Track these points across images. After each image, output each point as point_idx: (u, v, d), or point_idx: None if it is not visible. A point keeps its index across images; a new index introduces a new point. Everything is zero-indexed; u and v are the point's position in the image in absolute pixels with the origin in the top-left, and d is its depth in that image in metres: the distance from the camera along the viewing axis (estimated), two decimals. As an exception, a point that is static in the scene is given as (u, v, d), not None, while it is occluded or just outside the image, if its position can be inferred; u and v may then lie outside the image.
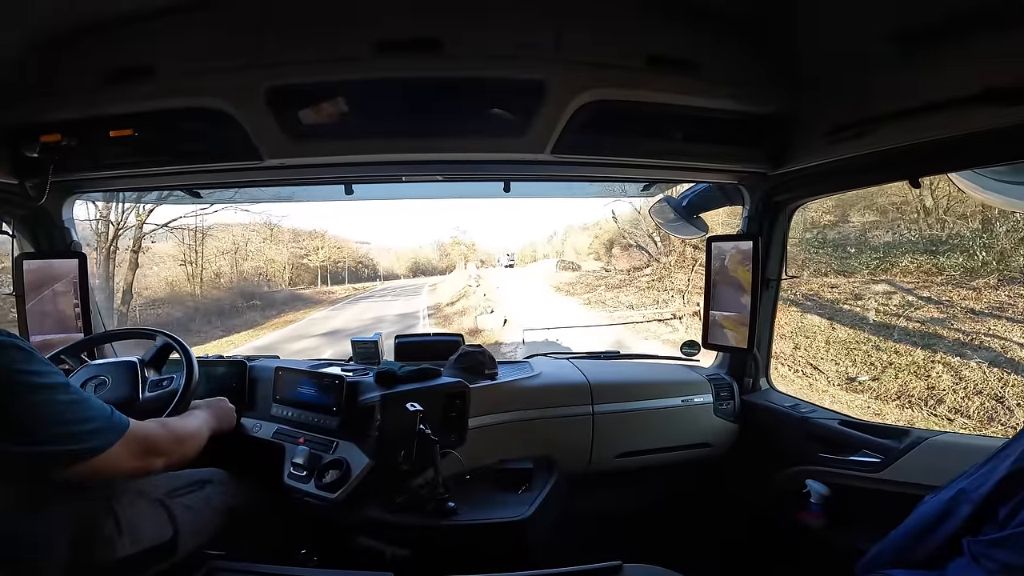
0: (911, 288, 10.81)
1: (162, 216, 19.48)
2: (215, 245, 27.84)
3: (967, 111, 1.22)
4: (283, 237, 35.43)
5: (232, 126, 1.54)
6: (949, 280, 10.53)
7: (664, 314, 14.60)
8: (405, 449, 1.56)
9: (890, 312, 10.33)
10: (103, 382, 1.48)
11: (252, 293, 26.95)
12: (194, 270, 24.80)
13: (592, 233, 37.66)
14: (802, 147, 1.72)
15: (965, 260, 10.61)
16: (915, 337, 9.29)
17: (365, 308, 24.93)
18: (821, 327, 10.77)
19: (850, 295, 11.59)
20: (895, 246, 12.41)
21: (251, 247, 31.55)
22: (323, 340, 15.79)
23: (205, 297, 24.12)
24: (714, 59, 1.57)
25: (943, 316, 9.58)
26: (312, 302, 30.24)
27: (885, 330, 9.89)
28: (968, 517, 0.99)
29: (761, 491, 2.05)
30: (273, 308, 25.90)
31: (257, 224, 30.28)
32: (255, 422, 1.83)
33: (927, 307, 10.03)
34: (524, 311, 16.75)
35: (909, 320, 9.85)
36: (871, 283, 11.61)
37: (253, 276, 31.02)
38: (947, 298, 10.03)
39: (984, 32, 1.14)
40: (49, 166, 1.61)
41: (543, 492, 1.76)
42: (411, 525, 1.58)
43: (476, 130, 1.62)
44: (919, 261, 11.44)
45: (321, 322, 21.04)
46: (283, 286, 33.48)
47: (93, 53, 1.53)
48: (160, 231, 19.96)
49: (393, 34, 1.44)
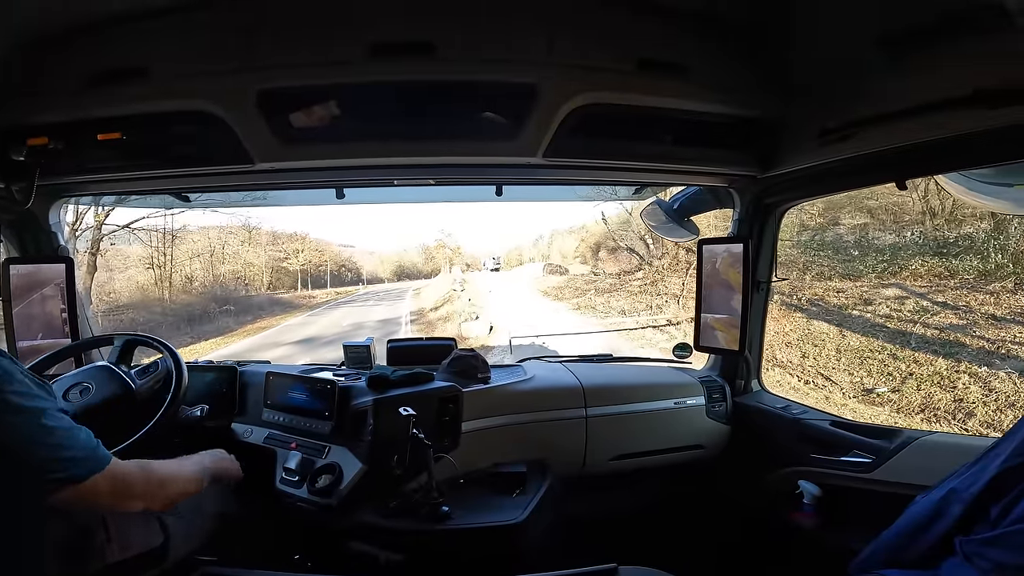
0: (924, 292, 10.32)
1: (123, 217, 18.64)
2: (188, 247, 27.16)
3: (953, 114, 1.24)
4: (262, 240, 34.87)
5: (222, 129, 1.54)
6: (963, 284, 10.04)
7: (659, 320, 14.35)
8: (398, 453, 1.57)
9: (905, 318, 9.81)
10: (87, 388, 1.47)
11: (226, 298, 26.27)
12: (162, 273, 24.02)
13: (578, 236, 37.81)
14: (791, 150, 1.75)
15: (980, 263, 10.09)
16: (935, 345, 8.76)
17: (345, 314, 24.27)
18: (830, 334, 10.26)
19: (859, 300, 11.08)
20: (901, 248, 11.98)
21: (228, 250, 30.92)
22: (296, 349, 15.06)
23: (174, 302, 23.30)
24: (704, 63, 1.59)
25: (963, 322, 9.08)
26: (291, 307, 29.65)
27: (901, 337, 9.33)
28: (960, 516, 1.00)
29: (754, 492, 2.08)
30: (248, 313, 25.25)
31: (234, 226, 29.68)
32: (246, 427, 1.83)
33: (944, 313, 9.52)
34: (511, 317, 16.37)
35: (927, 327, 9.32)
36: (880, 287, 11.15)
37: (230, 280, 30.37)
38: (964, 303, 9.56)
39: (970, 35, 1.16)
40: (36, 169, 1.60)
41: (537, 495, 1.78)
42: (405, 530, 1.59)
43: (468, 133, 1.63)
44: (930, 264, 10.93)
45: (296, 329, 20.37)
46: (261, 290, 32.89)
47: (81, 55, 1.52)
48: (121, 232, 19.14)
49: (386, 37, 1.45)
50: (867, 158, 1.57)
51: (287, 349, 15.07)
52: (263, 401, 1.85)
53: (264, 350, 15.08)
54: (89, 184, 1.84)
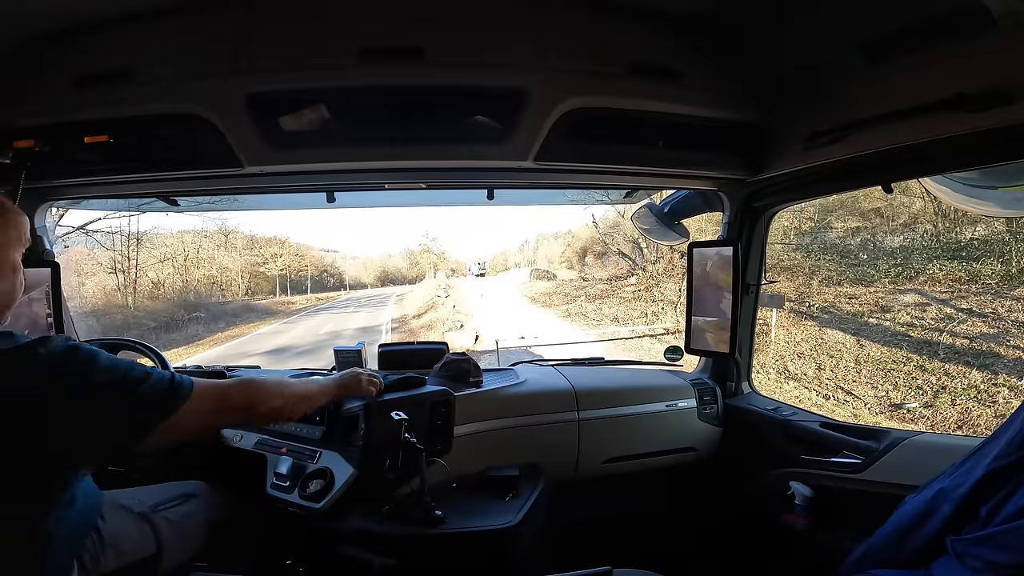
0: (946, 298, 9.83)
1: (77, 218, 18.34)
2: (159, 251, 26.58)
3: (938, 117, 1.28)
4: (238, 244, 34.31)
5: (211, 132, 1.55)
6: (986, 289, 9.64)
7: (656, 329, 14.11)
8: (390, 458, 1.59)
9: (929, 326, 9.30)
10: None
11: (197, 304, 25.66)
12: (126, 278, 23.35)
13: (564, 241, 37.87)
14: (779, 154, 1.79)
15: (1003, 266, 9.70)
16: (967, 356, 8.24)
17: (322, 321, 23.85)
18: (847, 344, 9.79)
19: (875, 307, 10.59)
20: (914, 251, 11.56)
21: (202, 254, 30.35)
22: (265, 359, 14.42)
23: (139, 309, 22.70)
24: (693, 67, 1.63)
25: (993, 331, 8.60)
26: (267, 314, 29.05)
27: (928, 347, 8.80)
28: (950, 516, 1.02)
29: (746, 494, 2.12)
30: (221, 320, 24.64)
31: (210, 230, 29.37)
32: (236, 432, 1.82)
33: (971, 320, 9.02)
34: (497, 325, 16.08)
35: (954, 336, 8.80)
36: (897, 293, 10.70)
37: (204, 285, 29.73)
38: (990, 309, 9.13)
39: (954, 39, 1.19)
40: (21, 172, 1.60)
41: (530, 499, 1.79)
42: (398, 534, 1.60)
43: (459, 137, 1.65)
44: (948, 268, 10.45)
45: (269, 337, 19.91)
46: (238, 296, 32.32)
47: (68, 57, 1.53)
48: (75, 235, 18.77)
49: (375, 41, 1.48)
50: (854, 161, 1.60)
51: (254, 361, 14.49)
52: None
53: (229, 361, 14.51)
54: (76, 187, 1.84)
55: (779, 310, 10.15)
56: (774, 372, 9.73)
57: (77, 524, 1.10)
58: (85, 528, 1.16)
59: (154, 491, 1.47)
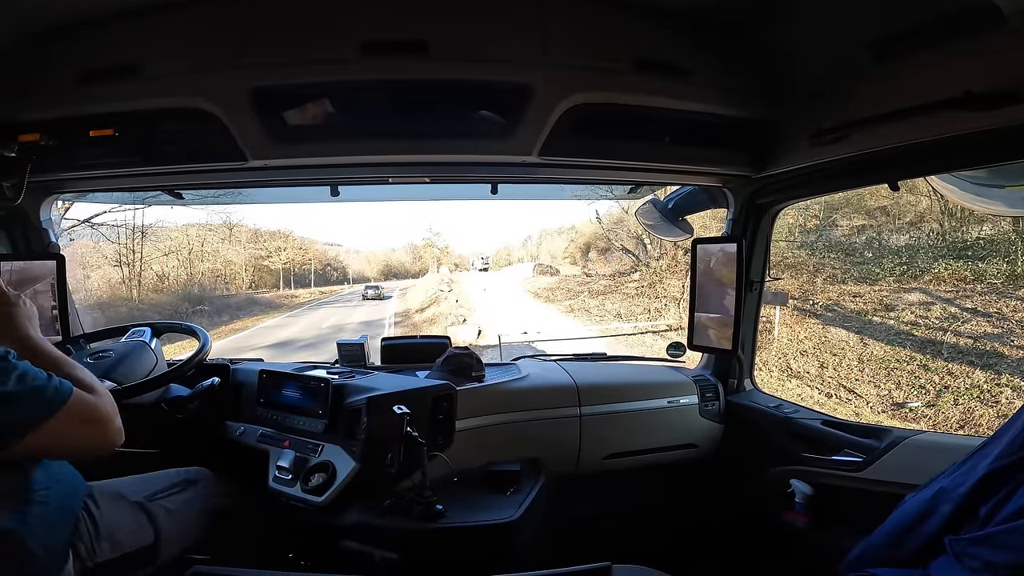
0: (950, 298, 9.78)
1: (83, 211, 18.41)
2: (163, 244, 26.62)
3: (945, 115, 1.27)
4: (242, 237, 34.35)
5: (216, 126, 1.56)
6: (991, 288, 9.58)
7: (659, 326, 14.04)
8: (392, 452, 1.59)
9: (933, 326, 9.26)
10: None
11: (201, 297, 25.80)
12: (131, 271, 23.41)
13: (568, 237, 37.80)
14: (785, 151, 1.78)
15: (1008, 266, 9.64)
16: (970, 355, 8.24)
17: (325, 315, 23.90)
18: (850, 342, 9.76)
19: (879, 305, 10.55)
20: (919, 249, 11.48)
21: (207, 247, 30.36)
22: (266, 354, 13.80)
23: (144, 301, 22.74)
24: (699, 63, 1.62)
25: (998, 331, 8.59)
26: (270, 307, 29.15)
27: (931, 347, 8.78)
28: (949, 515, 1.01)
29: (746, 491, 2.12)
30: (224, 313, 24.74)
31: (214, 224, 29.40)
32: (239, 426, 1.83)
33: (976, 320, 9.00)
34: (500, 320, 16.09)
35: (958, 335, 8.79)
36: (901, 291, 10.64)
37: (208, 278, 29.79)
38: (995, 309, 9.09)
39: (962, 37, 1.18)
40: (27, 166, 1.61)
41: (531, 494, 1.80)
42: (399, 528, 1.61)
43: (463, 132, 1.65)
44: (954, 267, 10.38)
45: (271, 331, 19.96)
46: (242, 289, 32.36)
47: (74, 51, 1.54)
48: (81, 227, 18.94)
49: (379, 36, 1.48)
50: (860, 159, 1.59)
51: (258, 354, 14.42)
52: (256, 399, 1.85)
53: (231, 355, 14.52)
54: (81, 181, 1.86)
55: (783, 307, 10.21)
56: (776, 370, 9.75)
57: (51, 517, 1.05)
58: (64, 520, 1.11)
59: (153, 479, 1.46)
